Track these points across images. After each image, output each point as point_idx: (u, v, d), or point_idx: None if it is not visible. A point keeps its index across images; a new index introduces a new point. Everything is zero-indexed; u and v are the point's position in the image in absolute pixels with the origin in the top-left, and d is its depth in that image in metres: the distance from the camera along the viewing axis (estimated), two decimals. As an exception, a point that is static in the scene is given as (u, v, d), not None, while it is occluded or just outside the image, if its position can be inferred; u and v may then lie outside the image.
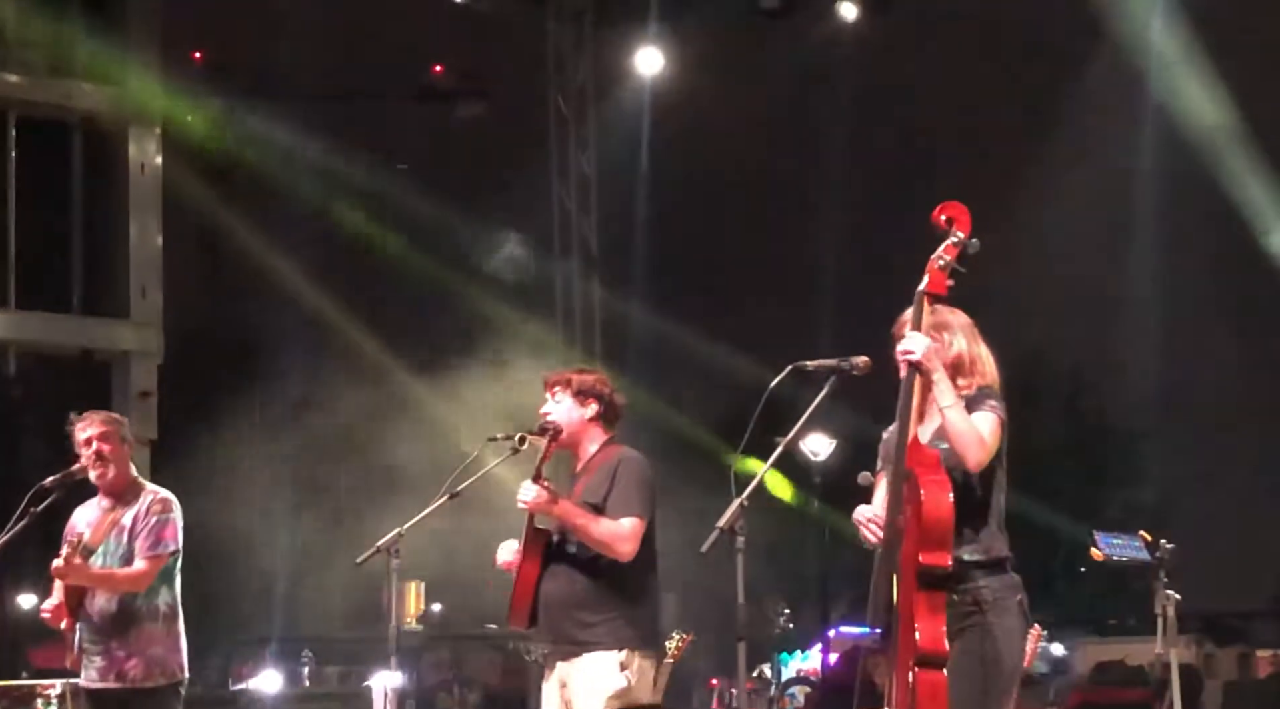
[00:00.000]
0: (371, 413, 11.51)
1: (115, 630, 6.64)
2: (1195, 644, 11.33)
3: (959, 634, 5.04)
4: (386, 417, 11.36)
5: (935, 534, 4.93)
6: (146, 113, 13.85)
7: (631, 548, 6.09)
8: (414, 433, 10.89)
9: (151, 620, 6.67)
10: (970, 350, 5.33)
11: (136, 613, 6.65)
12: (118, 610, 6.65)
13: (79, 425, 6.79)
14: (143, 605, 6.66)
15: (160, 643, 6.68)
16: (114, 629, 6.65)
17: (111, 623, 6.65)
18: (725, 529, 5.12)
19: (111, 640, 6.64)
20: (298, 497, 10.79)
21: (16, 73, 13.33)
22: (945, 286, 5.16)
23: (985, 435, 5.14)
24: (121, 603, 6.66)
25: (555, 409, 6.30)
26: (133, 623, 6.64)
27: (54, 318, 13.58)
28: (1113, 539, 7.60)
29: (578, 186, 16.42)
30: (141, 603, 6.66)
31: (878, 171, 20.56)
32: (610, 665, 6.07)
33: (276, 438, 11.19)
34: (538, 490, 6.04)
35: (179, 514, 6.81)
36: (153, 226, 13.90)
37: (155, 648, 6.67)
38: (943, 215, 5.21)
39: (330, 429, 11.27)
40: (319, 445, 11.13)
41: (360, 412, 11.48)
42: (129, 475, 6.86)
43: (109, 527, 6.76)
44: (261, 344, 14.30)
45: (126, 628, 6.64)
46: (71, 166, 13.94)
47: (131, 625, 6.64)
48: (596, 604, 6.13)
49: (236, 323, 16.50)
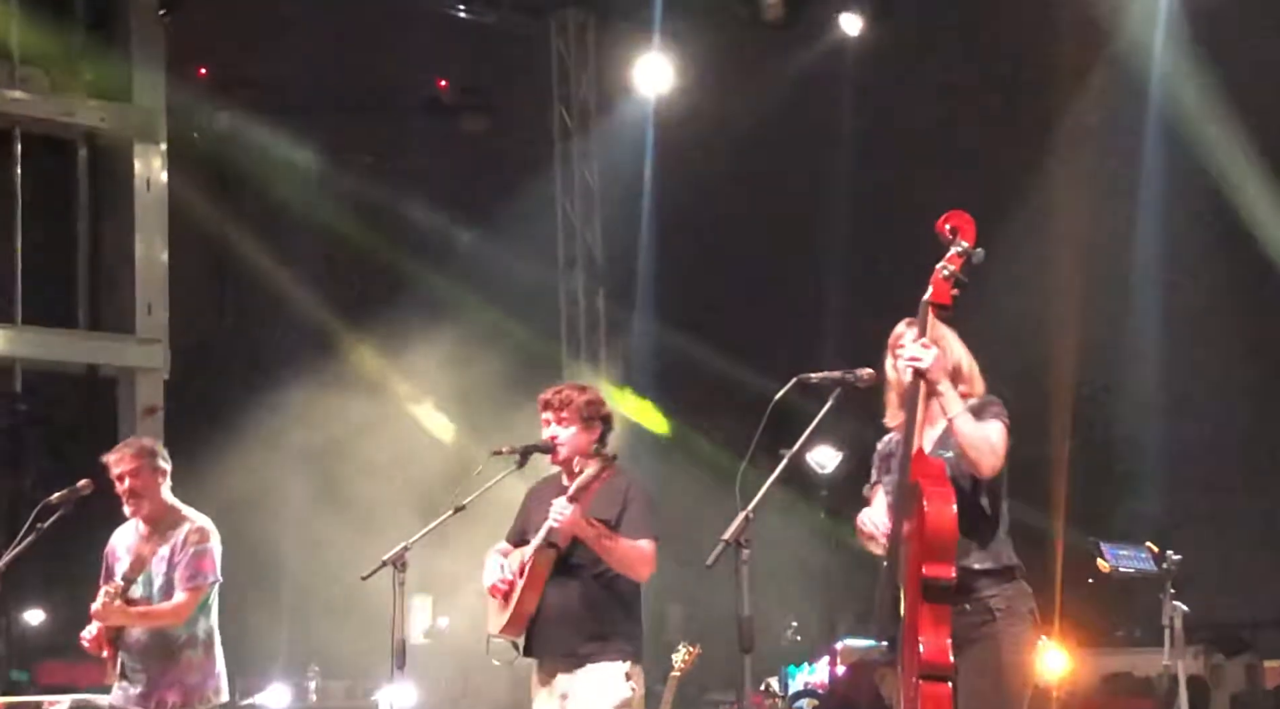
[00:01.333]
0: (379, 426, 11.51)
1: (154, 660, 6.70)
2: (1203, 655, 11.28)
3: (971, 644, 5.03)
4: (394, 430, 11.37)
5: (938, 546, 4.92)
6: (151, 129, 13.87)
7: (651, 569, 6.22)
8: (423, 447, 10.90)
9: (191, 649, 6.72)
10: (965, 359, 5.35)
11: (175, 641, 6.71)
12: (158, 641, 6.69)
13: (111, 459, 6.81)
14: (182, 634, 6.72)
15: (198, 670, 6.74)
16: (154, 658, 6.70)
17: (151, 653, 6.70)
18: (730, 542, 5.12)
19: (151, 669, 6.69)
20: (306, 510, 10.79)
21: (21, 89, 13.34)
22: (950, 296, 5.17)
23: (996, 443, 5.15)
24: (161, 634, 6.69)
25: (563, 434, 6.35)
26: (172, 653, 6.69)
27: (60, 334, 13.58)
28: (1119, 550, 7.59)
29: (582, 198, 16.43)
30: (181, 632, 6.72)
31: (881, 182, 20.53)
32: (616, 676, 6.14)
33: (283, 453, 11.18)
34: (575, 509, 6.10)
35: (217, 542, 6.85)
36: (158, 242, 13.91)
37: (193, 675, 6.72)
38: (947, 225, 5.22)
39: (337, 443, 11.26)
40: (326, 459, 11.13)
41: (367, 425, 11.48)
42: (165, 504, 6.89)
43: (148, 556, 6.79)
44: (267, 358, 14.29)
45: (166, 657, 6.69)
46: (77, 183, 13.96)
47: (171, 655, 6.70)
48: (601, 618, 6.20)
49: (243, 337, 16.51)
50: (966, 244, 5.17)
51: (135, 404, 13.40)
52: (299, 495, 10.90)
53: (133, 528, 6.94)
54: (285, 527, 10.76)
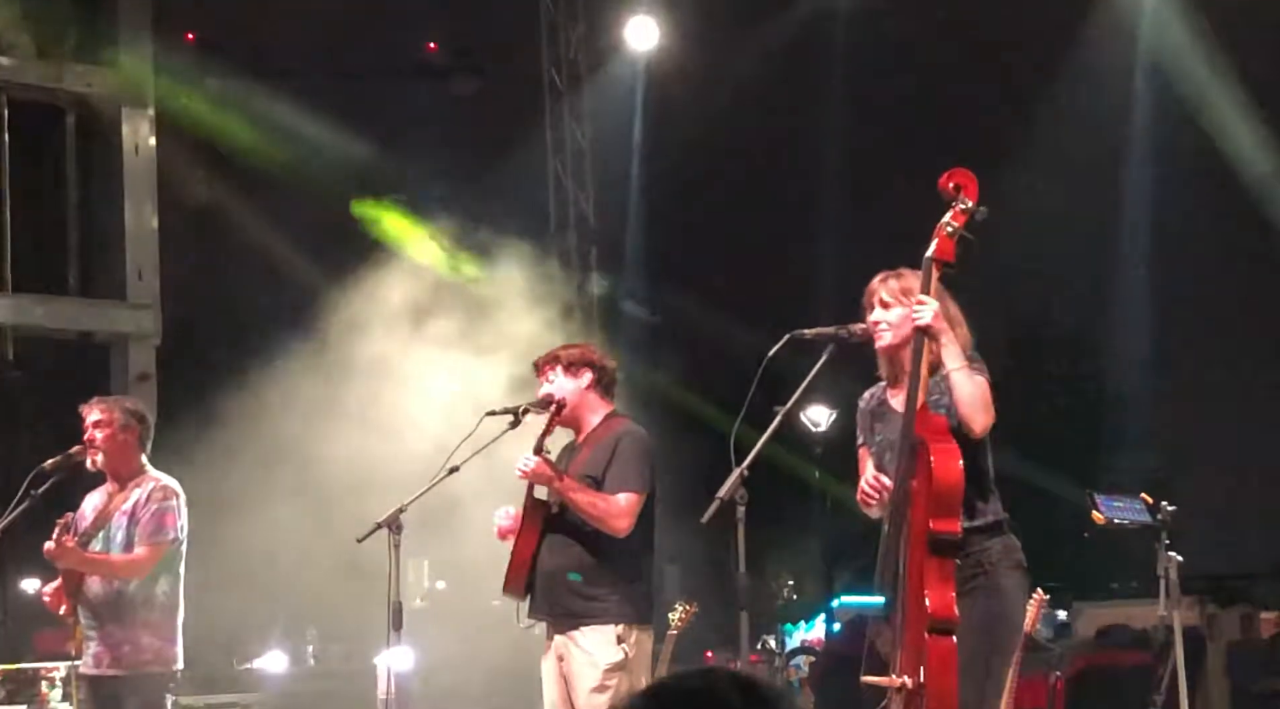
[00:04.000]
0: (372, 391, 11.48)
1: (110, 616, 6.63)
2: (1198, 606, 11.31)
3: (962, 597, 5.06)
4: (388, 395, 11.34)
5: (946, 501, 4.94)
6: (139, 94, 13.79)
7: (627, 524, 6.13)
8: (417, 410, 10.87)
9: (147, 608, 6.65)
10: (952, 310, 5.34)
11: (132, 599, 6.63)
12: (113, 596, 6.64)
13: (84, 409, 6.81)
14: (139, 592, 6.65)
15: (155, 631, 6.66)
16: (109, 614, 6.63)
17: (107, 608, 6.64)
18: (725, 499, 5.12)
19: (107, 625, 6.63)
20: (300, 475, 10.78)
21: (7, 55, 13.27)
22: (953, 253, 5.15)
23: (989, 401, 5.16)
24: (117, 589, 6.64)
25: (551, 388, 6.33)
26: (128, 609, 6.62)
27: (51, 301, 13.54)
28: (1114, 502, 7.59)
29: (573, 159, 16.38)
30: (137, 590, 6.65)
31: (875, 138, 20.52)
32: (607, 638, 6.10)
33: (275, 416, 11.16)
34: (537, 461, 6.08)
35: (182, 503, 6.80)
36: (148, 209, 13.85)
37: (149, 636, 6.65)
38: (951, 182, 5.20)
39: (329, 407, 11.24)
40: (319, 423, 11.11)
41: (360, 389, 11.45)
42: (131, 462, 6.84)
43: (111, 511, 6.76)
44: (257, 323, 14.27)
45: (121, 613, 6.62)
46: (65, 149, 13.89)
47: (127, 611, 6.62)
48: (595, 577, 6.17)
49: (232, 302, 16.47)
50: (970, 201, 5.15)
51: (127, 370, 13.38)
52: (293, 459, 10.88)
53: (103, 490, 6.92)
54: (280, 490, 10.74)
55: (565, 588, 6.19)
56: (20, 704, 8.61)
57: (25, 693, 8.65)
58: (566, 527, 6.22)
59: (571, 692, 6.17)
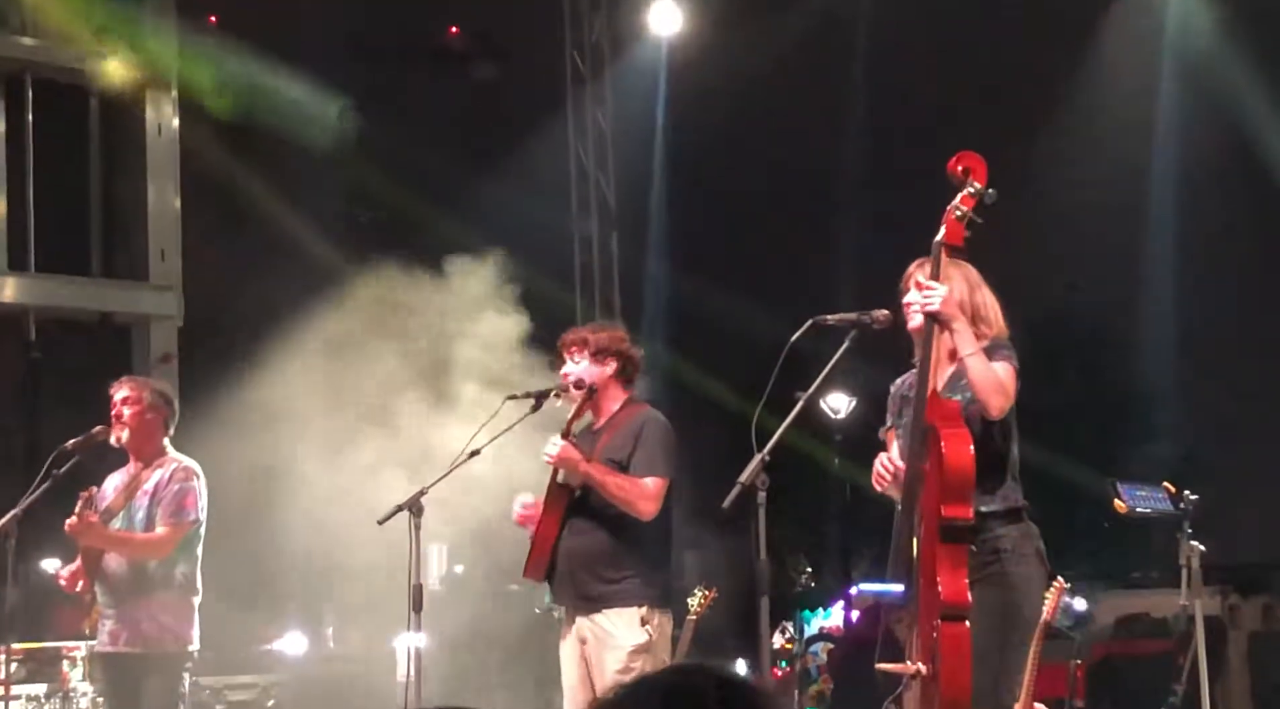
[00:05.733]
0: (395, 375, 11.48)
1: (129, 594, 6.66)
2: (1220, 595, 11.26)
3: (978, 583, 5.05)
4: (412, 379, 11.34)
5: (957, 486, 4.94)
6: (162, 75, 13.81)
7: (655, 507, 6.14)
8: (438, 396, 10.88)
9: (165, 588, 6.68)
10: (981, 299, 5.34)
11: (150, 578, 6.66)
12: (132, 574, 6.67)
13: (113, 387, 6.84)
14: (157, 572, 6.68)
15: (172, 611, 6.69)
16: (128, 592, 6.66)
17: (126, 586, 6.67)
18: (747, 484, 5.12)
19: (125, 604, 6.66)
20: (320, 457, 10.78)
21: (32, 36, 13.29)
22: (962, 237, 5.17)
23: (1005, 383, 5.16)
24: (136, 567, 6.67)
25: (575, 370, 6.32)
26: (146, 588, 6.65)
27: (73, 281, 13.58)
28: (1136, 491, 7.56)
29: (594, 143, 16.35)
30: (156, 569, 6.68)
31: (899, 122, 20.44)
32: (631, 620, 6.11)
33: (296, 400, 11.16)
34: (565, 445, 6.08)
35: (203, 485, 6.83)
36: (170, 190, 13.89)
37: (166, 615, 6.67)
38: (959, 166, 5.21)
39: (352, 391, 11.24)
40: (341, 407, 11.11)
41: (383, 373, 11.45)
42: (155, 443, 6.88)
43: (132, 491, 6.78)
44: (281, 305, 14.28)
45: (139, 592, 6.65)
46: (88, 130, 13.92)
47: (145, 590, 6.65)
48: (617, 561, 6.17)
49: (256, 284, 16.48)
50: (979, 185, 5.16)
51: (149, 352, 13.41)
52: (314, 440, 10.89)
53: (125, 471, 6.95)
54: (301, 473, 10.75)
55: (588, 572, 6.20)
56: (40, 683, 8.64)
57: (45, 672, 8.69)
58: (589, 511, 6.23)
59: (594, 674, 6.17)
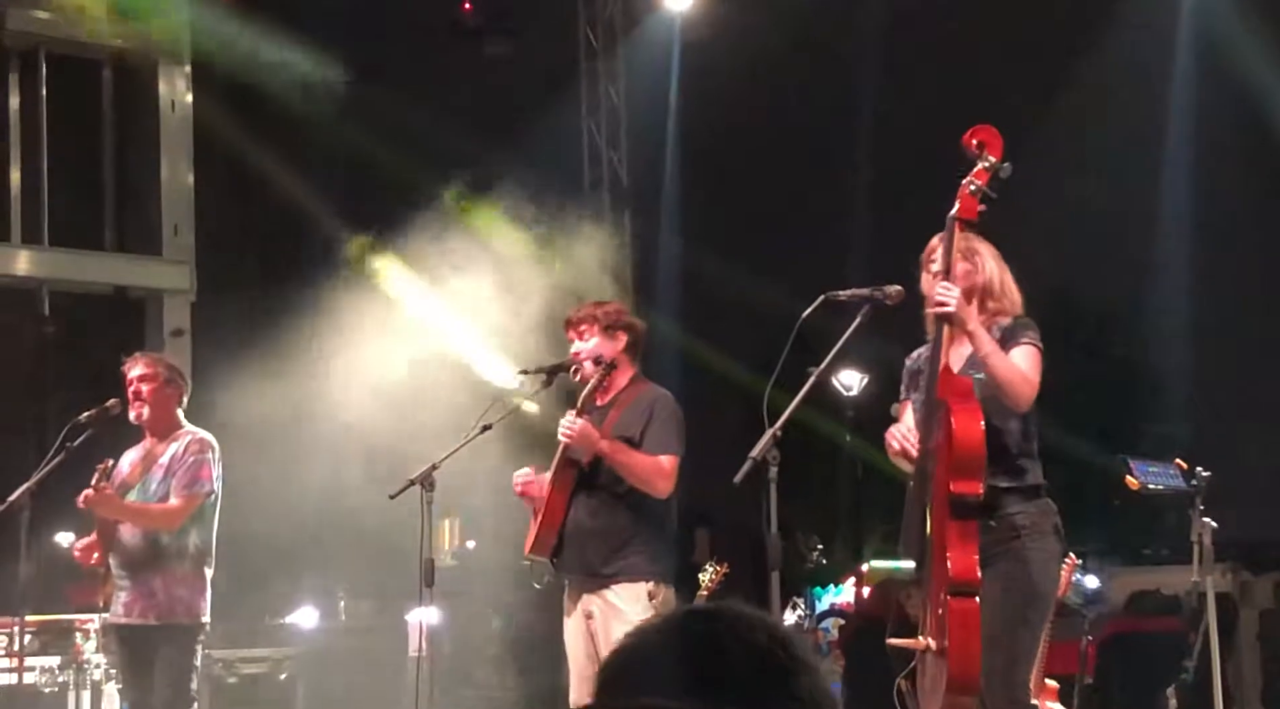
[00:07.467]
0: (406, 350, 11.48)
1: (143, 566, 6.69)
2: (1231, 572, 11.26)
3: (995, 559, 5.05)
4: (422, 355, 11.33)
5: (967, 463, 4.93)
6: (176, 49, 13.81)
7: (670, 485, 6.17)
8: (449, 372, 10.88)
9: (179, 559, 6.70)
10: (1000, 275, 5.33)
11: (165, 550, 6.69)
12: (147, 546, 6.69)
13: (127, 364, 6.86)
14: (171, 543, 6.70)
15: (185, 583, 6.71)
16: (142, 564, 6.69)
17: (140, 558, 6.70)
18: (758, 459, 5.12)
19: (139, 575, 6.69)
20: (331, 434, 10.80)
21: (45, 10, 13.29)
22: (976, 212, 5.16)
23: (1030, 373, 5.14)
24: (150, 539, 6.70)
25: (587, 348, 6.32)
26: (160, 560, 6.68)
27: (86, 255, 13.60)
28: (1148, 467, 7.55)
29: (607, 118, 16.32)
30: (171, 541, 6.70)
31: (912, 97, 20.42)
32: (639, 595, 6.12)
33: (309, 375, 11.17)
34: (582, 423, 6.08)
35: (217, 457, 6.85)
36: (183, 164, 13.90)
37: (180, 588, 6.70)
38: (974, 139, 5.20)
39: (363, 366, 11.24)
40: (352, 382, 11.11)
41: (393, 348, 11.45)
42: (171, 417, 6.91)
43: (148, 464, 6.81)
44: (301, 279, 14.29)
45: (155, 564, 6.68)
46: (102, 104, 13.92)
47: (159, 562, 6.68)
48: (625, 536, 6.18)
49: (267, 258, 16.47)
50: (993, 158, 5.14)
51: (162, 326, 13.44)
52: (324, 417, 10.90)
53: (141, 446, 6.98)
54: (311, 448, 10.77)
55: (595, 547, 6.20)
56: (54, 656, 8.68)
57: (59, 644, 8.73)
58: (597, 486, 6.23)
59: (600, 648, 6.18)
